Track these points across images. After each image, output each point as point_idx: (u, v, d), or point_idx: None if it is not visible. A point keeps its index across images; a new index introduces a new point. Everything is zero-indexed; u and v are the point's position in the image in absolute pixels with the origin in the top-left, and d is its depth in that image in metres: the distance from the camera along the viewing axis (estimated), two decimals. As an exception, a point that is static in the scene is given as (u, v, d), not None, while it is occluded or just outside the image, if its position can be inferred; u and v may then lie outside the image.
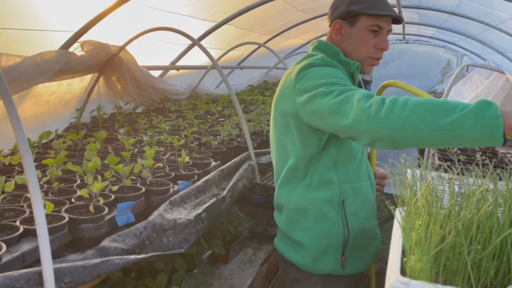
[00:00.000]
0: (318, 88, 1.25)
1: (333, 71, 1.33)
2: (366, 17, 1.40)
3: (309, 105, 1.28)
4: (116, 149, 2.30)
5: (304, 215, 1.45)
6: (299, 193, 1.45)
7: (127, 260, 1.27)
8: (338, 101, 1.19)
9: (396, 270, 0.71)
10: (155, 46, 3.59)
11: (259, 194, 2.44)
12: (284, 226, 1.51)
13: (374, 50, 1.44)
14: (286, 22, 5.74)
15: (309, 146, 1.41)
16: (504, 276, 0.73)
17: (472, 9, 5.77)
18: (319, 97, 1.24)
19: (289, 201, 1.47)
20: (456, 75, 3.25)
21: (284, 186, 1.49)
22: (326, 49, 1.47)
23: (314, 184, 1.43)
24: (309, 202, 1.43)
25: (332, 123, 1.22)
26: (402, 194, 0.90)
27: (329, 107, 1.20)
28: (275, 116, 1.50)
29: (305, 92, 1.29)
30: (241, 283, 1.91)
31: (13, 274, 1.04)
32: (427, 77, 11.45)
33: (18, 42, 2.27)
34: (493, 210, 0.77)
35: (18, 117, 1.07)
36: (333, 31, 1.46)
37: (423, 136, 1.04)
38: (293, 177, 1.46)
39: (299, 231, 1.46)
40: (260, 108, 3.94)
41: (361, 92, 1.18)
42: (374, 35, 1.42)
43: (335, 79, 1.27)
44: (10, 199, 1.54)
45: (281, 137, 1.48)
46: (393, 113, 1.07)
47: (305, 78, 1.32)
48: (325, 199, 1.42)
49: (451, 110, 1.03)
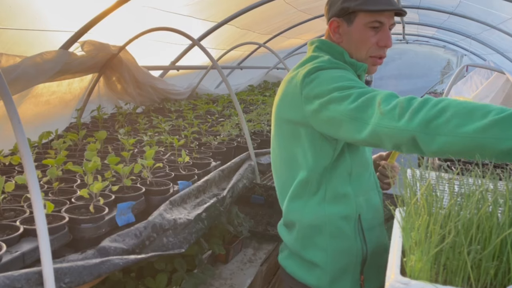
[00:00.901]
0: (331, 93, 1.14)
1: (343, 73, 1.22)
2: (364, 13, 1.28)
3: (323, 113, 1.16)
4: (116, 149, 2.30)
5: (318, 232, 1.31)
6: (313, 208, 1.31)
7: (127, 260, 1.27)
8: (357, 106, 1.08)
9: (396, 270, 0.71)
10: (155, 46, 3.59)
11: (259, 194, 2.44)
12: (296, 245, 1.35)
13: (376, 48, 1.31)
14: (286, 22, 5.75)
15: (322, 157, 1.28)
16: (504, 276, 0.73)
17: (472, 9, 5.78)
18: (334, 103, 1.13)
19: (302, 218, 1.33)
20: (456, 75, 3.25)
21: (294, 201, 1.34)
22: (330, 50, 1.35)
23: (329, 198, 1.30)
24: (324, 218, 1.30)
25: (351, 131, 1.11)
26: (402, 194, 0.90)
27: (348, 114, 1.09)
28: (278, 125, 1.36)
29: (316, 99, 1.18)
30: (241, 283, 1.91)
31: (13, 274, 1.04)
32: (427, 77, 11.46)
33: (18, 42, 2.27)
34: (493, 210, 0.77)
35: (18, 117, 1.07)
36: (330, 30, 1.35)
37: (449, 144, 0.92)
38: (304, 191, 1.32)
39: (313, 250, 1.31)
40: (260, 108, 3.94)
41: (382, 93, 1.07)
42: (375, 31, 1.29)
43: (349, 82, 1.16)
44: (10, 199, 1.54)
45: (288, 148, 1.34)
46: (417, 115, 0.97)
47: (313, 83, 1.20)
48: (341, 214, 1.29)
49: (483, 115, 0.89)
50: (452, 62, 11.68)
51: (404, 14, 1.33)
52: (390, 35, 1.32)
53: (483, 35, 7.16)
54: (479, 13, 5.86)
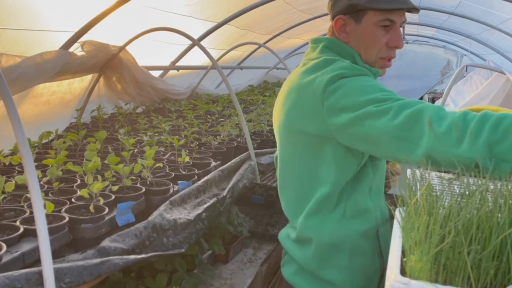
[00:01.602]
0: (365, 107, 1.03)
1: (371, 81, 1.11)
2: (374, 11, 1.17)
3: (355, 128, 1.05)
4: (116, 149, 2.30)
5: (337, 251, 1.22)
6: (332, 225, 1.21)
7: (127, 260, 1.27)
8: (401, 123, 0.97)
9: (396, 270, 0.71)
10: (155, 46, 3.59)
11: (259, 194, 2.44)
12: (311, 263, 1.25)
13: (386, 49, 1.21)
14: (286, 22, 5.75)
15: (345, 172, 1.18)
16: (504, 276, 0.73)
17: (471, 9, 5.78)
18: (371, 119, 1.02)
19: (320, 236, 1.22)
20: (456, 75, 3.25)
21: (313, 217, 1.23)
22: (340, 51, 1.23)
23: (349, 214, 1.22)
24: (344, 236, 1.21)
25: (396, 151, 1.00)
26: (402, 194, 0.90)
27: (390, 132, 0.98)
28: (290, 136, 1.24)
29: (343, 112, 1.07)
30: (241, 283, 1.91)
31: (13, 274, 1.04)
32: (427, 77, 11.46)
33: (18, 42, 2.27)
34: (492, 210, 0.77)
35: (19, 117, 1.07)
36: (336, 28, 1.23)
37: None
38: (323, 207, 1.22)
39: (331, 270, 1.23)
40: (260, 108, 3.94)
41: (429, 109, 0.96)
42: (385, 31, 1.19)
43: (382, 93, 1.04)
44: (11, 199, 1.54)
45: (306, 161, 1.22)
46: (478, 140, 0.88)
47: (338, 94, 1.08)
48: (361, 231, 1.21)
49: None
50: (452, 62, 11.68)
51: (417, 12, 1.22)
52: (401, 34, 1.22)
53: (483, 35, 7.16)
54: (479, 13, 5.86)
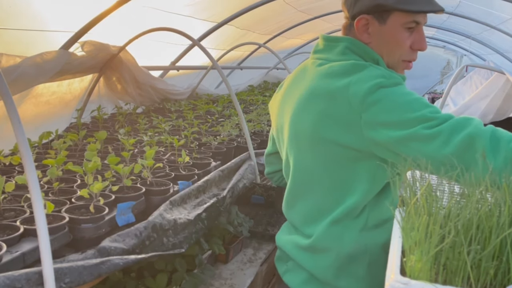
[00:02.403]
0: (412, 127, 0.97)
1: (411, 94, 1.04)
2: (401, 12, 1.11)
3: (399, 148, 1.00)
4: (116, 149, 2.30)
5: (356, 262, 1.18)
6: (353, 236, 1.17)
7: (127, 260, 1.27)
8: (452, 152, 0.92)
9: (396, 270, 0.71)
10: (155, 47, 3.59)
11: (259, 194, 2.44)
12: (326, 273, 1.20)
13: (409, 52, 1.17)
14: (286, 23, 5.75)
15: (377, 184, 1.15)
16: (504, 276, 0.74)
17: (471, 10, 5.78)
18: (418, 142, 0.96)
19: (341, 246, 1.18)
20: (456, 76, 3.25)
21: (334, 227, 1.18)
22: (363, 54, 1.16)
23: (371, 225, 1.18)
24: (364, 247, 1.17)
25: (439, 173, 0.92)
26: (402, 194, 0.90)
27: (440, 159, 0.93)
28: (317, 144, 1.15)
29: (385, 128, 1.01)
30: (241, 283, 1.91)
31: (13, 274, 1.04)
32: (427, 77, 11.46)
33: (19, 42, 2.28)
34: (492, 210, 0.77)
35: (19, 117, 1.07)
36: (357, 28, 1.15)
37: None
38: (347, 216, 1.18)
39: (348, 279, 1.19)
40: (260, 108, 3.94)
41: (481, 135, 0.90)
42: (409, 32, 1.14)
43: (429, 111, 0.98)
44: (11, 199, 1.54)
45: (335, 171, 1.16)
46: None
47: (378, 107, 1.02)
48: (382, 243, 1.17)
49: None
50: (452, 62, 11.68)
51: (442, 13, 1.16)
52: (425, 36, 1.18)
53: (483, 35, 7.16)
54: (479, 13, 5.86)
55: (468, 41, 8.11)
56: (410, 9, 1.10)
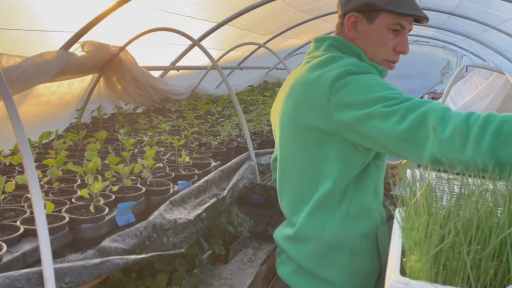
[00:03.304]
0: (371, 106, 1.03)
1: (378, 80, 1.11)
2: (388, 14, 1.19)
3: (361, 127, 1.06)
4: (117, 149, 2.30)
5: (338, 250, 1.22)
6: (334, 225, 1.21)
7: (127, 260, 1.27)
8: (406, 128, 0.97)
9: (396, 270, 0.71)
10: (156, 47, 3.59)
11: (259, 194, 2.44)
12: (309, 261, 1.25)
13: (392, 53, 1.24)
14: (286, 23, 5.75)
15: (350, 169, 1.19)
16: (504, 276, 0.74)
17: (471, 10, 5.78)
18: (376, 119, 1.02)
19: (322, 234, 1.22)
20: (456, 76, 3.25)
21: (315, 214, 1.23)
22: (346, 50, 1.23)
23: (351, 214, 1.22)
24: (345, 236, 1.21)
25: (399, 152, 1.02)
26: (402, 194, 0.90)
27: (396, 135, 0.99)
28: (294, 130, 1.23)
29: (349, 108, 1.07)
30: (241, 283, 1.91)
31: (13, 274, 1.04)
32: (427, 77, 11.46)
33: (19, 42, 2.28)
34: (492, 210, 0.77)
35: (19, 117, 1.08)
36: (347, 25, 1.23)
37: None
38: (326, 204, 1.22)
39: (330, 269, 1.23)
40: (260, 108, 3.95)
41: (434, 111, 0.95)
42: (394, 35, 1.22)
43: (389, 92, 1.04)
44: (11, 199, 1.54)
45: (309, 156, 1.22)
46: (481, 146, 0.88)
47: (345, 90, 1.09)
48: (363, 232, 1.22)
49: None
50: (452, 62, 11.68)
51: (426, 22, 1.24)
52: (408, 41, 1.25)
53: (483, 36, 7.17)
54: (479, 14, 5.87)
55: (468, 41, 8.11)
56: (396, 11, 1.17)
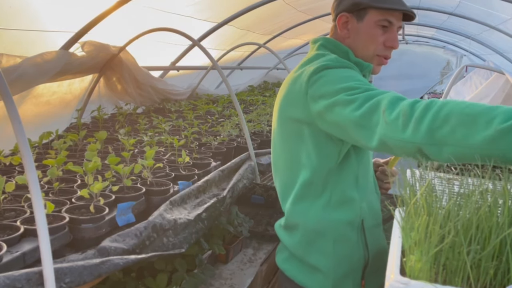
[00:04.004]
0: (337, 95, 1.11)
1: (351, 73, 1.19)
2: (376, 11, 1.26)
3: (328, 115, 1.14)
4: (117, 150, 2.30)
5: (322, 237, 1.29)
6: (317, 213, 1.29)
7: (127, 260, 1.28)
8: (362, 113, 1.05)
9: (396, 270, 0.71)
10: (156, 47, 3.60)
11: (259, 194, 2.45)
12: (297, 248, 1.33)
13: (382, 48, 1.31)
14: (286, 23, 5.75)
15: (326, 158, 1.25)
16: (504, 276, 0.74)
17: (471, 10, 5.78)
18: (339, 106, 1.10)
19: (306, 222, 1.30)
20: (456, 76, 3.25)
21: (299, 203, 1.32)
22: (334, 48, 1.32)
23: (334, 203, 1.29)
24: (328, 223, 1.28)
25: (357, 138, 1.09)
26: (402, 194, 0.90)
27: (353, 120, 1.06)
28: (281, 123, 1.33)
29: (322, 99, 1.15)
30: (241, 283, 1.91)
31: (13, 274, 1.04)
32: (427, 77, 11.46)
33: (19, 42, 2.28)
34: (492, 210, 0.77)
35: (19, 117, 1.08)
36: (338, 25, 1.32)
37: (456, 153, 0.90)
38: (308, 193, 1.30)
39: (316, 255, 1.30)
40: (260, 108, 3.95)
41: (387, 98, 1.02)
42: (383, 31, 1.29)
43: (355, 82, 1.12)
44: (11, 199, 1.54)
45: (291, 146, 1.31)
46: (421, 126, 0.94)
47: (319, 82, 1.17)
48: (346, 220, 1.28)
49: (488, 123, 0.86)
50: (452, 62, 11.68)
51: (413, 19, 1.31)
52: (397, 37, 1.31)
53: (483, 36, 7.16)
54: (479, 14, 5.86)
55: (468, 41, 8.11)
56: (382, 6, 1.25)
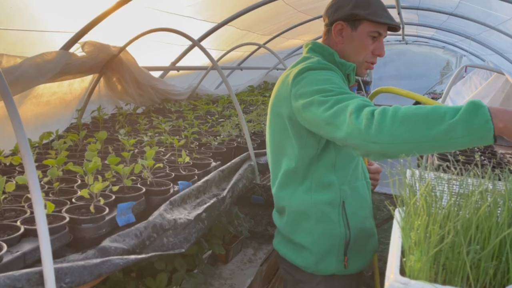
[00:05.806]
0: (313, 96, 1.26)
1: (330, 75, 1.33)
2: (369, 23, 1.42)
3: (305, 113, 1.29)
4: (117, 150, 2.30)
5: (305, 217, 1.45)
6: (300, 196, 1.45)
7: (127, 260, 1.28)
8: (331, 113, 1.20)
9: (396, 270, 0.71)
10: (156, 47, 3.60)
11: (259, 194, 2.45)
12: (285, 229, 1.51)
13: (371, 56, 1.47)
14: (286, 23, 5.75)
15: (307, 149, 1.41)
16: (503, 276, 0.74)
17: (471, 10, 5.78)
18: (314, 106, 1.25)
19: (290, 204, 1.48)
20: (455, 76, 3.25)
21: (283, 189, 1.49)
22: (322, 51, 1.48)
23: (315, 187, 1.44)
24: (310, 204, 1.44)
25: (327, 134, 1.25)
26: (402, 194, 0.90)
27: (324, 119, 1.22)
28: (271, 118, 1.51)
29: (301, 98, 1.30)
30: (241, 283, 1.92)
31: (14, 274, 1.04)
32: (426, 77, 11.46)
33: (19, 43, 2.28)
34: (492, 210, 0.77)
35: (19, 117, 1.08)
36: (334, 32, 1.47)
37: (414, 148, 1.06)
38: (292, 180, 1.47)
39: (301, 234, 1.46)
40: (260, 108, 3.95)
41: (355, 103, 1.17)
42: (373, 40, 1.45)
43: (331, 85, 1.27)
44: (11, 199, 1.54)
45: (278, 139, 1.49)
46: (382, 129, 1.08)
47: (301, 83, 1.33)
48: (326, 201, 1.43)
49: (440, 119, 1.04)
50: (452, 62, 11.67)
51: (398, 30, 1.48)
52: (384, 46, 1.49)
53: (483, 36, 7.16)
54: (479, 14, 5.86)
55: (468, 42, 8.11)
56: (376, 20, 1.42)
